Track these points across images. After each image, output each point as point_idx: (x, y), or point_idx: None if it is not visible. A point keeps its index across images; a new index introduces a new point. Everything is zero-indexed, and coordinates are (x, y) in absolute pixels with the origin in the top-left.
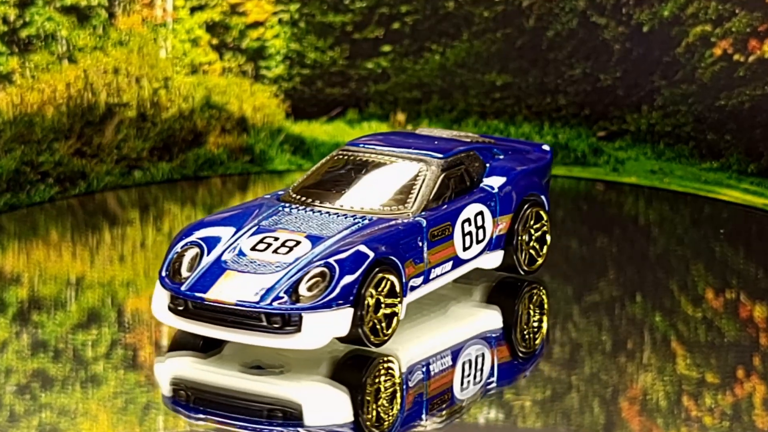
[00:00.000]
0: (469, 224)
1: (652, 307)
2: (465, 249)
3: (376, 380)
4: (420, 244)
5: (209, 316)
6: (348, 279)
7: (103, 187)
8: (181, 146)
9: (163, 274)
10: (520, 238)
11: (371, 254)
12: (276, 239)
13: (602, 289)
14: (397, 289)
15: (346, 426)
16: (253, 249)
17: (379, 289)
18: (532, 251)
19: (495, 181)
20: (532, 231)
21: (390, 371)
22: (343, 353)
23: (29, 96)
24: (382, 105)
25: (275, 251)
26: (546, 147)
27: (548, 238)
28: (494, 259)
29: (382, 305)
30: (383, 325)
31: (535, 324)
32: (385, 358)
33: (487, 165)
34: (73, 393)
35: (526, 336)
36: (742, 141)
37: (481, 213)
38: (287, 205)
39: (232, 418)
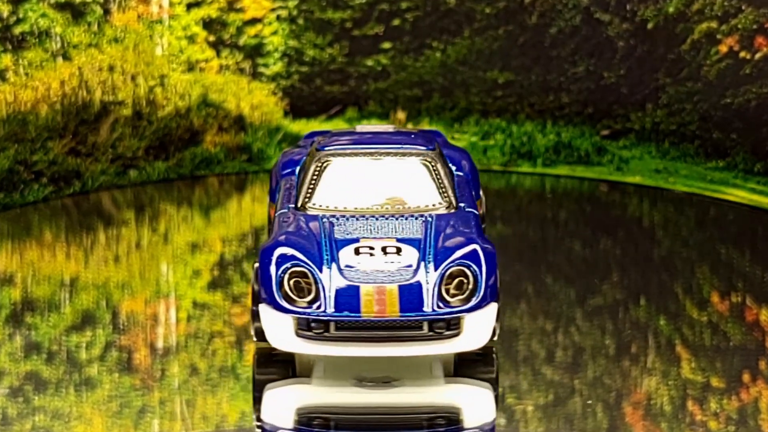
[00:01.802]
0: None
1: (656, 311)
2: None
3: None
4: None
5: (359, 335)
6: (491, 275)
7: (98, 187)
8: (177, 145)
9: (279, 300)
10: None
11: (492, 248)
12: (372, 248)
13: (606, 292)
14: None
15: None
16: (362, 261)
17: None
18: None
19: (459, 168)
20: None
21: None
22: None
23: (23, 94)
24: (382, 103)
25: (387, 260)
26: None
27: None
28: None
29: None
30: None
31: None
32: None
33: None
34: (66, 396)
35: None
36: (748, 140)
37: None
38: (326, 216)
39: None
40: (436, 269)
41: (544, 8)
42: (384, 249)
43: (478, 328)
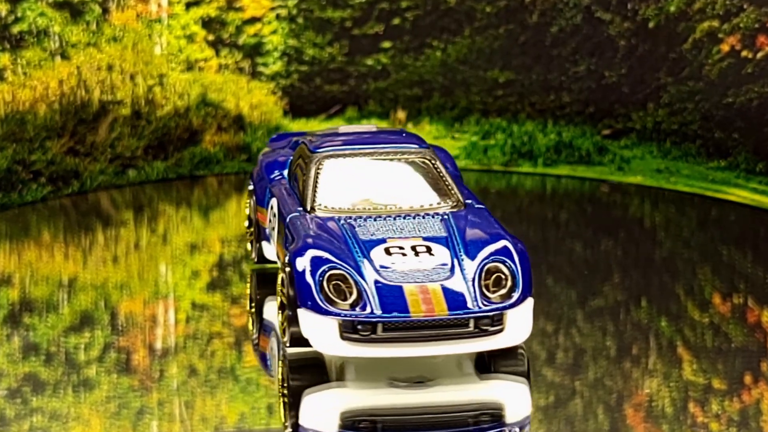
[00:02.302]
0: None
1: (657, 312)
2: None
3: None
4: None
5: (407, 335)
6: (526, 269)
7: (96, 187)
8: (176, 145)
9: (321, 303)
10: None
11: (521, 243)
12: (402, 248)
13: (607, 293)
14: None
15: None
16: (396, 261)
17: None
18: None
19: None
20: None
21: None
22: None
23: (21, 93)
24: (382, 102)
25: (420, 259)
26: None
27: None
28: None
29: None
30: None
31: None
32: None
33: None
34: (64, 397)
35: None
36: (750, 139)
37: None
38: (341, 218)
39: None
40: (472, 266)
41: (545, 7)
42: (414, 248)
43: (520, 323)
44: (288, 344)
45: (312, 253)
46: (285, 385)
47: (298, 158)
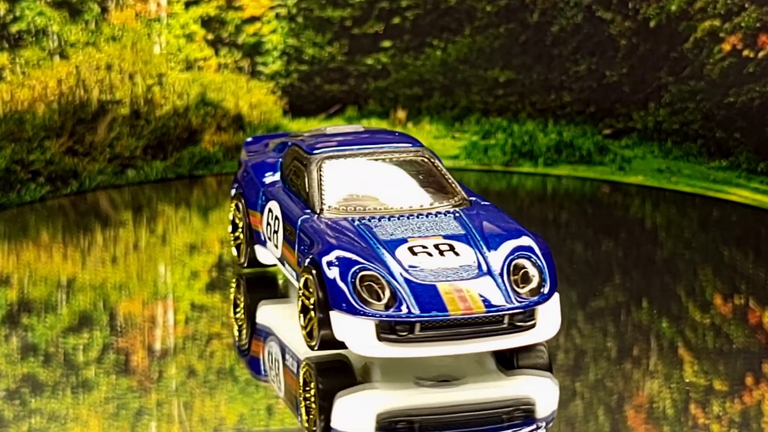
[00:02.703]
0: None
1: (658, 313)
2: None
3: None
4: None
5: (444, 334)
6: (551, 264)
7: (95, 187)
8: (175, 144)
9: (357, 305)
10: None
11: (541, 239)
12: (425, 247)
13: (608, 295)
14: None
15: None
16: (423, 260)
17: None
18: None
19: None
20: None
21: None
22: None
23: (19, 93)
24: (382, 102)
25: (446, 257)
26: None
27: None
28: None
29: None
30: None
31: None
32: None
33: None
34: (63, 398)
35: None
36: (751, 139)
37: None
38: (355, 218)
39: (481, 430)
40: (498, 263)
41: (546, 6)
42: (437, 247)
43: (551, 318)
44: (317, 347)
45: (339, 254)
46: (308, 388)
47: (293, 160)
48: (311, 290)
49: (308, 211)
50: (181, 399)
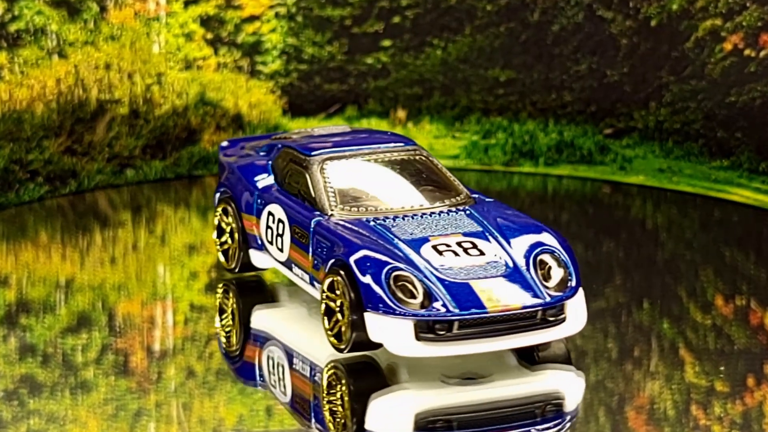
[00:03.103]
0: None
1: (659, 314)
2: None
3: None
4: None
5: (482, 331)
6: (573, 259)
7: (94, 187)
8: (174, 144)
9: (395, 305)
10: None
11: (559, 233)
12: (448, 245)
13: (608, 295)
14: None
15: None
16: (450, 259)
17: None
18: None
19: None
20: None
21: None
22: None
23: (18, 92)
24: (382, 101)
25: (471, 255)
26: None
27: None
28: None
29: None
30: None
31: None
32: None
33: None
34: (62, 399)
35: None
36: (753, 138)
37: None
38: (369, 219)
39: (517, 427)
40: (522, 259)
41: (546, 5)
42: (460, 245)
43: (579, 311)
44: (347, 350)
45: (367, 254)
46: (333, 391)
47: (288, 162)
48: (338, 292)
49: (318, 213)
50: (180, 400)
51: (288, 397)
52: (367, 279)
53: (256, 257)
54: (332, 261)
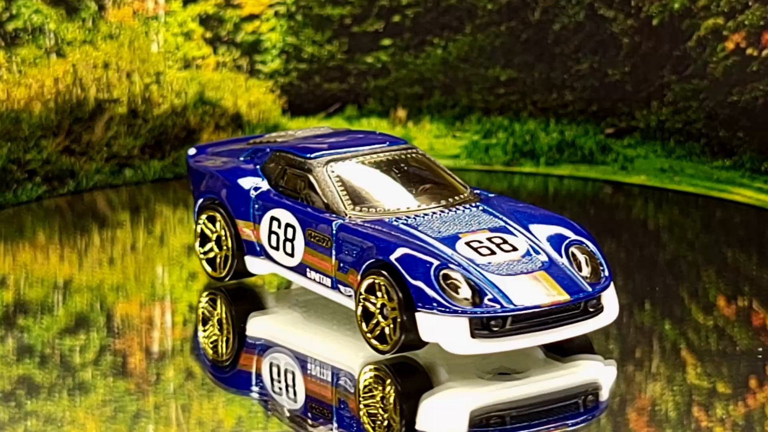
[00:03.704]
0: None
1: (661, 315)
2: None
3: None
4: None
5: (532, 324)
6: (600, 250)
7: (92, 186)
8: (173, 143)
9: (449, 304)
10: None
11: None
12: (480, 242)
13: None
14: None
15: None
16: (487, 255)
17: None
18: None
19: None
20: None
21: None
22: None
23: (16, 91)
24: (382, 101)
25: (506, 251)
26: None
27: None
28: None
29: None
30: None
31: None
32: None
33: None
34: (60, 400)
35: None
36: (755, 138)
37: None
38: (390, 219)
39: (564, 417)
40: (558, 252)
41: (548, 4)
42: (491, 240)
43: (614, 301)
44: (393, 351)
45: (411, 253)
46: (370, 393)
47: (284, 166)
48: (380, 293)
49: (334, 215)
50: (179, 401)
51: (299, 403)
52: (416, 279)
53: (254, 264)
54: (370, 262)
